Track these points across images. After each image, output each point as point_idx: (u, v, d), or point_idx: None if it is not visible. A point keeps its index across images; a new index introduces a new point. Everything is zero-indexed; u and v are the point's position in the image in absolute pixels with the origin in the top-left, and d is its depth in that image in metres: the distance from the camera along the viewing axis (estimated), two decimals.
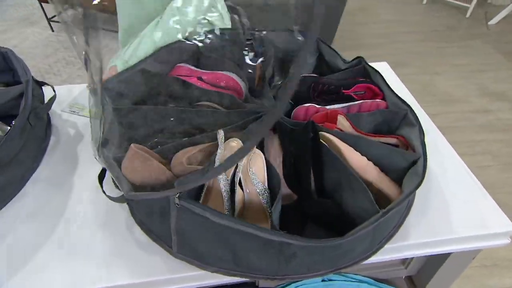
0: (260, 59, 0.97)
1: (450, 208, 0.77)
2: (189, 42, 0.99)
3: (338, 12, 2.44)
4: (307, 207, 0.68)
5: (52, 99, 0.89)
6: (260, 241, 0.55)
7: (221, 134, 0.69)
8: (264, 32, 1.05)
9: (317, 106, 0.86)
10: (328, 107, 0.87)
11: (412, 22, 3.56)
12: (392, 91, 0.88)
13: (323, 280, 0.78)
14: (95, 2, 0.73)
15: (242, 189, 0.67)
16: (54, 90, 0.91)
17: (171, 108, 0.82)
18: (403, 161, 0.71)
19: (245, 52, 1.04)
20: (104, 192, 0.68)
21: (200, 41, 1.01)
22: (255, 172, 0.67)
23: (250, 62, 0.93)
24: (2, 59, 0.91)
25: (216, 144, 0.69)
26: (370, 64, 0.96)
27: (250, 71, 0.96)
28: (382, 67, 1.18)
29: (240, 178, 0.67)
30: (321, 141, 0.75)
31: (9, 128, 0.76)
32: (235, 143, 0.70)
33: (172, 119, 0.83)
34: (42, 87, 0.92)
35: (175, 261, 0.64)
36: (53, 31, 3.16)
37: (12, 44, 2.94)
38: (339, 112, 0.83)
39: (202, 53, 1.00)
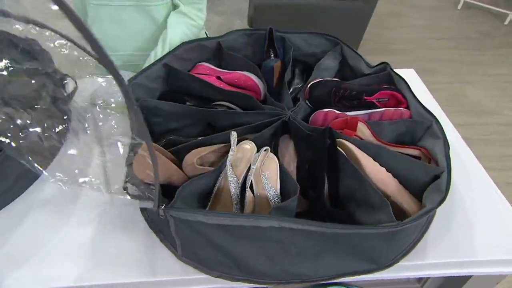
0: (279, 60, 0.95)
1: (473, 227, 0.72)
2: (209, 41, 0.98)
3: (365, 15, 2.37)
4: (318, 216, 0.65)
5: (74, 91, 0.90)
6: (258, 243, 0.54)
7: (234, 135, 0.67)
8: (287, 34, 1.02)
9: (336, 111, 0.83)
10: (348, 113, 0.84)
11: (444, 28, 3.43)
12: (417, 100, 0.83)
13: None
14: None
15: (253, 192, 0.65)
16: (76, 83, 0.93)
17: (187, 106, 0.81)
18: (424, 174, 0.68)
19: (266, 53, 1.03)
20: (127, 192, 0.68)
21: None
22: (268, 176, 0.65)
23: (270, 63, 0.91)
24: (27, 51, 0.93)
25: (229, 146, 0.67)
26: (395, 70, 0.92)
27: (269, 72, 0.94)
28: (409, 74, 1.13)
29: (251, 182, 0.65)
30: (339, 148, 0.72)
31: (30, 118, 0.77)
32: (249, 146, 0.69)
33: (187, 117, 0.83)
34: (66, 80, 0.93)
35: (181, 263, 0.63)
36: None
37: (46, 36, 3.04)
38: (360, 119, 0.80)
39: (222, 53, 0.99)
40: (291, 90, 0.96)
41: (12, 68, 0.82)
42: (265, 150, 0.67)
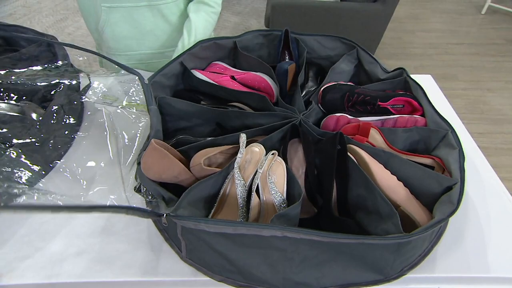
0: (294, 63, 0.94)
1: (486, 241, 0.70)
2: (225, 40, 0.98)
3: (384, 18, 2.32)
4: (325, 223, 0.64)
5: (86, 87, 0.91)
6: (261, 251, 0.53)
7: (243, 137, 0.67)
8: (302, 36, 1.01)
9: (349, 116, 0.82)
10: (361, 118, 0.82)
11: (466, 33, 3.33)
12: (434, 107, 0.81)
13: None
14: None
15: (259, 196, 0.64)
16: (89, 79, 0.94)
17: (198, 105, 0.81)
18: (437, 185, 0.66)
19: (280, 54, 1.02)
20: (139, 190, 0.68)
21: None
22: (274, 181, 0.64)
23: (284, 65, 0.90)
24: (46, 46, 0.95)
25: (238, 147, 0.67)
26: (412, 76, 0.90)
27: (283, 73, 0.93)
28: (426, 81, 1.11)
29: (258, 185, 0.64)
30: (349, 154, 0.71)
31: (44, 112, 0.79)
32: (258, 149, 0.68)
33: (197, 116, 0.83)
34: (80, 75, 0.95)
35: (185, 264, 0.63)
36: None
37: (67, 32, 3.10)
38: (372, 125, 0.78)
39: (238, 52, 0.99)
40: (304, 92, 0.94)
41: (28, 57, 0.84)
42: (272, 154, 0.66)
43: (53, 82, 0.84)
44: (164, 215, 0.53)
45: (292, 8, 2.30)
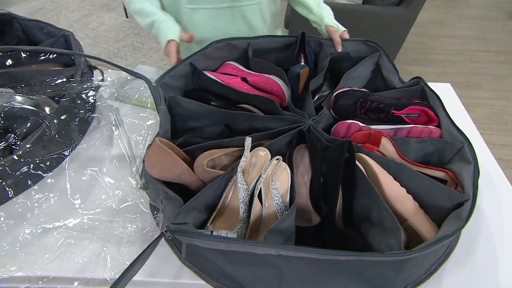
0: (307, 67, 0.92)
1: (498, 261, 0.67)
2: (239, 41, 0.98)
3: (407, 23, 2.25)
4: (327, 233, 0.62)
5: (99, 84, 0.92)
6: (255, 268, 0.52)
7: (248, 141, 0.66)
8: (323, 39, 0.99)
9: (360, 124, 0.80)
10: (373, 126, 0.80)
11: (494, 40, 3.19)
12: (451, 118, 0.78)
13: None
14: None
15: (261, 202, 0.64)
16: (103, 76, 0.95)
17: (207, 106, 0.81)
18: (447, 200, 0.63)
19: (296, 58, 1.00)
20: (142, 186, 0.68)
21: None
22: (277, 187, 0.63)
23: (296, 69, 0.88)
24: (64, 41, 0.97)
25: (244, 150, 0.66)
26: (431, 84, 0.87)
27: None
28: (445, 89, 1.07)
29: (260, 190, 0.63)
30: (357, 163, 0.69)
31: (57, 106, 0.80)
32: (263, 153, 0.67)
33: (206, 117, 0.83)
34: (94, 71, 0.96)
35: (181, 266, 0.62)
36: (127, 17, 3.33)
37: (90, 27, 3.16)
38: (384, 133, 0.76)
39: (249, 56, 0.98)
40: (316, 97, 0.93)
41: (44, 57, 0.86)
42: (277, 159, 0.65)
43: (66, 78, 0.85)
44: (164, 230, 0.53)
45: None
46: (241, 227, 0.62)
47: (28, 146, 0.72)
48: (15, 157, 0.70)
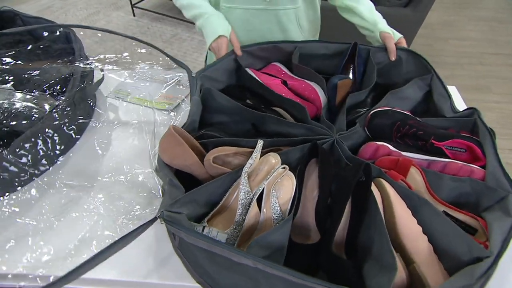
0: (349, 78, 0.87)
1: None
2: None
3: (414, 24, 2.10)
4: (322, 256, 0.58)
5: (99, 82, 0.94)
6: (234, 274, 0.50)
7: (259, 144, 0.65)
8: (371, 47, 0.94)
9: (391, 147, 0.73)
10: (405, 153, 0.73)
11: (506, 43, 2.94)
12: (500, 161, 0.68)
13: None
14: None
15: (260, 207, 0.62)
16: (103, 74, 0.97)
17: (236, 103, 0.81)
18: (466, 250, 0.55)
19: (343, 67, 0.96)
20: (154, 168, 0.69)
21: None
22: (278, 196, 0.61)
23: (334, 80, 0.84)
24: (65, 39, 1.00)
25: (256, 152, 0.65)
26: None
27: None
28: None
29: (261, 196, 0.61)
30: (373, 188, 0.63)
31: (57, 103, 0.80)
32: (274, 160, 0.65)
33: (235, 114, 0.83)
34: (94, 70, 0.97)
35: (165, 267, 0.63)
36: (134, 16, 3.42)
37: (99, 25, 3.25)
38: (414, 163, 0.69)
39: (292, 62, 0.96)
40: (353, 112, 0.87)
41: (46, 49, 0.88)
42: (283, 168, 0.62)
43: (66, 75, 0.86)
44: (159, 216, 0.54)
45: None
46: (235, 229, 0.61)
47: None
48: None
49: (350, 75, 0.97)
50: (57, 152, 0.78)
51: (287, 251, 0.59)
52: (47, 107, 0.79)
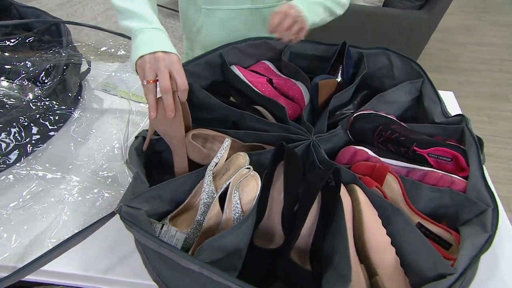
0: (334, 79, 0.84)
1: None
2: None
3: (428, 27, 2.03)
4: (279, 263, 0.56)
5: (84, 73, 0.93)
6: (181, 275, 0.48)
7: (226, 143, 0.62)
8: (368, 50, 0.90)
9: (370, 152, 0.70)
10: (384, 159, 0.70)
11: None
12: (483, 172, 0.64)
13: None
14: None
15: (223, 207, 0.59)
16: (89, 66, 0.96)
17: (216, 100, 0.79)
18: (431, 267, 0.51)
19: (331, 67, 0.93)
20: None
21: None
22: (241, 196, 0.58)
23: (316, 80, 0.81)
24: (56, 30, 0.98)
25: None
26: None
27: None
28: (445, 98, 0.90)
29: (224, 196, 0.59)
30: (345, 195, 0.60)
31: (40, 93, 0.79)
32: (243, 160, 0.63)
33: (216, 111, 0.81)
34: (81, 60, 0.95)
35: (125, 264, 0.62)
36: None
37: (113, 20, 3.20)
38: (391, 170, 0.65)
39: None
40: (337, 113, 0.84)
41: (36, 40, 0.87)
42: (247, 168, 0.60)
43: (52, 65, 0.86)
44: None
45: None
46: (195, 229, 0.59)
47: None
48: None
49: (339, 77, 0.93)
50: (33, 142, 0.78)
51: (248, 254, 0.57)
52: (30, 96, 0.79)
